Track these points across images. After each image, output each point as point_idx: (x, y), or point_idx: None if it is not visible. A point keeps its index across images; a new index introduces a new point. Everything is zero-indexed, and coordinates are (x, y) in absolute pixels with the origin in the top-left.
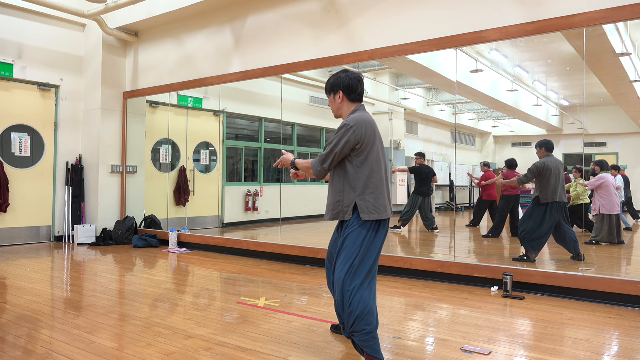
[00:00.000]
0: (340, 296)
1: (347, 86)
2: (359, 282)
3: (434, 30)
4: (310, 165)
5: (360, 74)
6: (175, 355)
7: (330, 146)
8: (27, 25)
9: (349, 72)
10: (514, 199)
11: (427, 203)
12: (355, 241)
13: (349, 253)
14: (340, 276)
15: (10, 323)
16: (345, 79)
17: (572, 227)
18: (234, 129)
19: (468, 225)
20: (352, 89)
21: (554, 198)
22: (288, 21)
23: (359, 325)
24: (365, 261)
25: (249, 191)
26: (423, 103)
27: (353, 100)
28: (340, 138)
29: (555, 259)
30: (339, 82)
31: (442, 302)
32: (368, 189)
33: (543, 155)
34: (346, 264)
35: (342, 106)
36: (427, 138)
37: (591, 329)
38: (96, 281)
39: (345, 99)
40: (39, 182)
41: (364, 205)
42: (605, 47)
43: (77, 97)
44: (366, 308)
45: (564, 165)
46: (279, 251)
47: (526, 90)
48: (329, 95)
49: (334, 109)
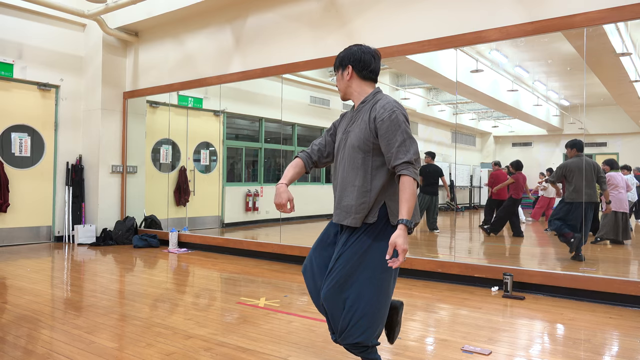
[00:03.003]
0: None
1: (358, 60)
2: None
3: (434, 30)
4: (411, 192)
5: (377, 50)
6: (175, 355)
7: (403, 142)
8: (27, 25)
9: (363, 45)
10: (518, 202)
11: (434, 202)
12: (383, 252)
13: (376, 267)
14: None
15: (10, 323)
16: (358, 51)
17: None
18: (234, 129)
19: (480, 225)
20: (365, 64)
21: (579, 198)
22: (288, 21)
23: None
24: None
25: (249, 191)
26: (423, 103)
27: (365, 77)
28: (406, 126)
29: (556, 259)
30: (348, 54)
31: (442, 302)
32: (397, 189)
33: (573, 155)
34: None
35: (350, 84)
36: (427, 138)
37: (591, 329)
38: (96, 281)
39: (355, 76)
40: (39, 182)
41: (395, 207)
42: (606, 47)
43: (77, 97)
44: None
45: (596, 165)
46: (279, 251)
47: (526, 90)
48: (337, 72)
49: (341, 87)
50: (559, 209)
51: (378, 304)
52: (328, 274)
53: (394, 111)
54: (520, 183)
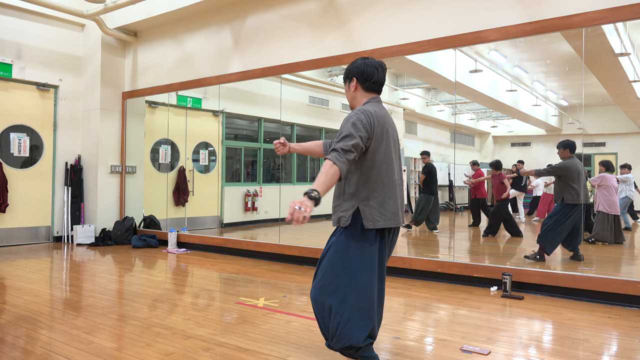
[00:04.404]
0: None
1: (361, 72)
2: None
3: (433, 30)
4: (324, 173)
5: (382, 62)
6: (174, 356)
7: (342, 134)
8: (25, 25)
9: (368, 58)
10: (506, 202)
11: (432, 202)
12: (362, 255)
13: (357, 269)
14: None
15: (9, 323)
16: (361, 64)
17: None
18: (233, 129)
19: (470, 225)
20: (367, 76)
21: (578, 200)
22: (287, 21)
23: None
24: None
25: (248, 191)
26: (422, 103)
27: (368, 89)
28: (356, 125)
29: (555, 259)
30: (353, 67)
31: (441, 302)
32: (374, 193)
33: (566, 157)
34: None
35: (355, 95)
36: (427, 138)
37: (590, 329)
38: (95, 281)
39: (359, 88)
40: (38, 182)
41: (368, 212)
42: (604, 47)
43: (76, 97)
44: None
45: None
46: (278, 251)
47: (525, 90)
48: (344, 83)
49: (348, 98)
50: (556, 212)
51: (363, 305)
52: (315, 274)
53: (355, 114)
54: (503, 183)
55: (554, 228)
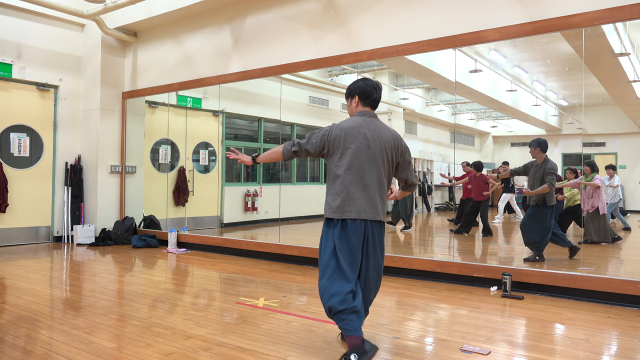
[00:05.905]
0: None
1: (362, 91)
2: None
3: (433, 30)
4: (272, 151)
5: (379, 83)
6: (174, 356)
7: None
8: (25, 25)
9: (368, 79)
10: (487, 203)
11: (411, 200)
12: (324, 240)
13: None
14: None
15: (9, 323)
16: (362, 85)
17: (567, 227)
18: (233, 129)
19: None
20: (367, 95)
21: (555, 200)
22: (287, 21)
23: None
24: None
25: (248, 191)
26: (422, 103)
27: (365, 105)
28: (322, 131)
29: (554, 259)
30: (356, 87)
31: (441, 302)
32: (332, 190)
33: (538, 155)
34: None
35: (356, 110)
36: (426, 138)
37: (590, 329)
38: (95, 281)
39: (360, 104)
40: (38, 182)
41: (326, 205)
42: (604, 47)
43: (76, 97)
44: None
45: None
46: (278, 251)
47: (525, 90)
48: (347, 100)
49: (350, 112)
50: (539, 215)
51: (320, 283)
52: None
53: (328, 126)
54: (481, 185)
55: (543, 232)
